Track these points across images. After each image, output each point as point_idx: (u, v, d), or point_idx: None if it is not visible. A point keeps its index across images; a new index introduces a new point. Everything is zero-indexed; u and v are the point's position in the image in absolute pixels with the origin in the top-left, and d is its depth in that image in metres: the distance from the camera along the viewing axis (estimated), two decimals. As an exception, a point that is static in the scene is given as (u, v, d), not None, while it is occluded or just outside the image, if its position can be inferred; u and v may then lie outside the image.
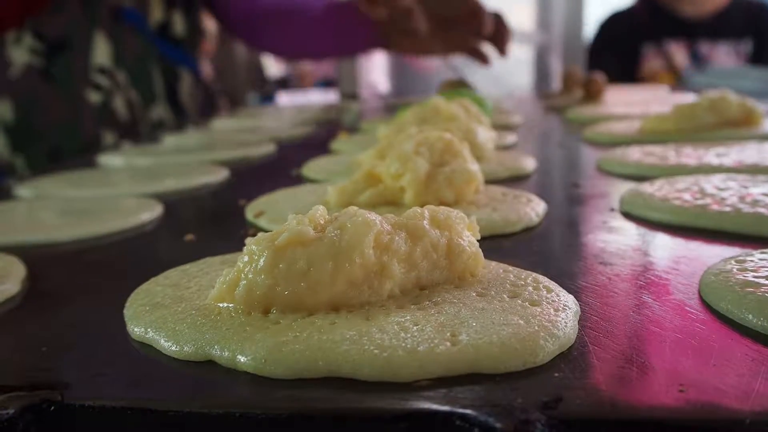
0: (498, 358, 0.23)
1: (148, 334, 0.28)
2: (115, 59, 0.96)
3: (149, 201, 0.53)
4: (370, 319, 0.26)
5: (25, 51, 0.87)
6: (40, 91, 0.88)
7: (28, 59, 0.87)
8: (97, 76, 0.93)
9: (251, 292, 0.27)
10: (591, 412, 0.21)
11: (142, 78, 1.01)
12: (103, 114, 0.94)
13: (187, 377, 0.25)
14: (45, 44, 0.88)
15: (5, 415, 0.23)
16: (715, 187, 0.44)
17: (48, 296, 0.35)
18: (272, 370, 0.24)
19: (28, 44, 0.87)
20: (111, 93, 0.95)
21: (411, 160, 0.42)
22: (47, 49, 0.88)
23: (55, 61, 0.89)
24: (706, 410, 0.20)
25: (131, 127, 0.99)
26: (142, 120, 1.00)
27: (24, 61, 0.87)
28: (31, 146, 0.88)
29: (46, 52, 0.88)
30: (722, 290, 0.28)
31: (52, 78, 0.89)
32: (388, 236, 0.28)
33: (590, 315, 0.28)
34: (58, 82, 0.90)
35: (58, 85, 0.90)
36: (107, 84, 0.94)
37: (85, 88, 0.93)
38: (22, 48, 0.86)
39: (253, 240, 0.28)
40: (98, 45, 0.93)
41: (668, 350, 0.24)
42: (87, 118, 0.92)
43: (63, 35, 0.90)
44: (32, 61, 0.87)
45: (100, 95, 0.94)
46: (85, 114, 0.92)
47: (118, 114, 0.96)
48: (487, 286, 0.29)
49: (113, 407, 0.23)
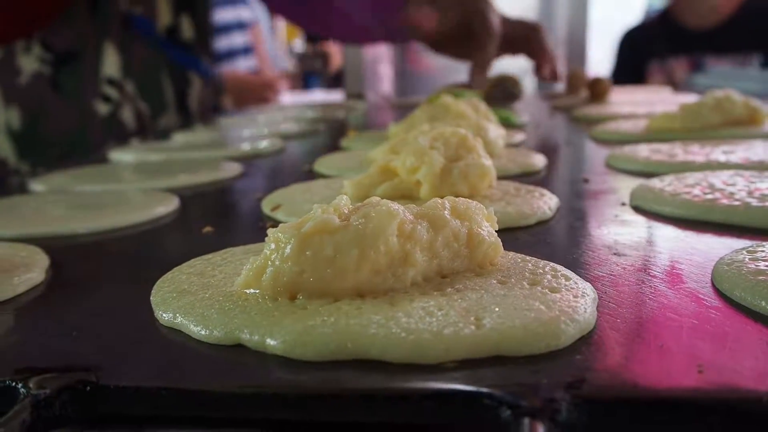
0: (521, 341, 0.24)
1: (177, 319, 0.28)
2: (125, 70, 0.96)
3: (165, 194, 0.54)
4: (395, 305, 0.27)
5: (34, 60, 0.87)
6: (48, 99, 0.89)
7: (37, 68, 0.87)
8: (105, 88, 0.94)
9: (278, 278, 0.28)
10: (614, 392, 0.22)
11: (152, 88, 1.01)
12: (111, 125, 0.95)
13: (217, 360, 0.26)
14: (53, 55, 0.89)
15: (42, 394, 0.24)
16: (724, 182, 0.45)
17: (72, 285, 0.36)
18: (302, 353, 0.25)
19: (37, 54, 0.87)
20: (119, 104, 0.95)
21: (427, 154, 0.42)
22: (55, 59, 0.89)
23: (63, 71, 0.90)
24: (725, 390, 0.21)
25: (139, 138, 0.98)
26: (150, 130, 1.01)
27: (33, 70, 0.87)
28: (38, 154, 0.89)
29: (54, 62, 0.89)
30: (735, 278, 0.29)
31: (60, 88, 0.90)
32: (410, 225, 0.28)
33: (607, 302, 0.28)
34: (66, 92, 0.90)
35: (66, 95, 0.90)
36: (116, 96, 0.95)
37: (94, 99, 0.93)
38: (31, 57, 0.87)
39: (279, 228, 0.29)
40: (108, 56, 0.93)
41: (685, 335, 0.25)
42: (94, 129, 0.93)
43: (72, 46, 0.90)
44: (41, 69, 0.88)
45: (108, 107, 0.94)
46: (92, 124, 0.93)
47: (125, 125, 0.97)
48: (506, 274, 0.30)
49: (148, 388, 0.24)
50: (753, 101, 0.73)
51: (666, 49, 1.72)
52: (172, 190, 0.57)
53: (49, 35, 0.88)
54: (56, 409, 0.24)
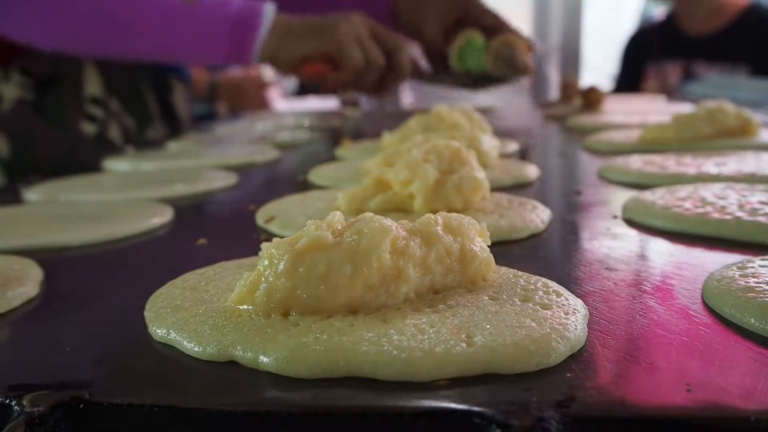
0: (512, 359, 0.24)
1: (170, 335, 0.28)
2: (107, 88, 0.95)
3: (160, 205, 0.54)
4: (387, 322, 0.27)
5: (15, 86, 0.86)
6: (34, 125, 0.88)
7: (18, 94, 0.87)
8: (90, 108, 0.93)
9: (271, 295, 0.28)
10: (603, 410, 0.22)
11: (136, 102, 1.00)
12: (99, 143, 0.93)
13: (210, 377, 0.26)
14: (34, 80, 0.88)
15: (36, 412, 0.24)
16: (715, 195, 0.45)
17: (66, 298, 0.36)
18: (294, 370, 0.25)
19: (17, 81, 0.86)
20: (105, 123, 0.94)
21: (420, 167, 0.43)
22: (36, 85, 0.88)
23: (46, 95, 0.89)
24: (712, 408, 0.22)
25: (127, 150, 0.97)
26: (137, 143, 1.00)
27: (14, 96, 0.86)
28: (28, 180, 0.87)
29: (36, 87, 0.88)
30: (725, 295, 0.29)
31: (45, 112, 0.89)
32: (403, 241, 0.29)
33: (598, 318, 0.29)
34: (51, 116, 0.89)
35: (52, 119, 0.89)
36: (101, 114, 0.94)
37: (79, 120, 0.92)
38: (11, 84, 0.86)
39: (272, 244, 0.29)
40: (89, 75, 0.93)
41: (674, 352, 0.26)
42: (83, 149, 0.91)
43: (52, 71, 0.89)
44: (23, 95, 0.87)
45: (94, 126, 0.93)
46: (80, 145, 0.91)
47: (113, 142, 0.96)
48: (498, 290, 0.30)
49: (141, 405, 0.24)
50: (745, 112, 0.73)
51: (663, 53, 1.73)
52: (166, 200, 0.57)
53: (26, 61, 0.87)
54: (50, 426, 0.24)
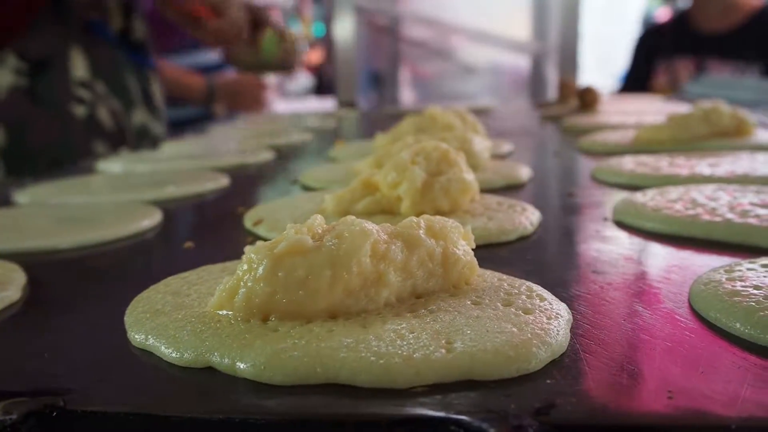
0: (492, 365, 0.24)
1: (148, 341, 0.28)
2: (93, 72, 0.98)
3: (149, 208, 0.53)
4: (367, 327, 0.26)
5: (9, 72, 0.89)
6: (28, 112, 0.90)
7: (12, 81, 0.89)
8: (79, 90, 0.96)
9: (250, 299, 0.28)
10: (582, 418, 0.21)
11: (119, 86, 1.04)
12: (90, 126, 0.97)
13: (187, 383, 0.26)
14: (29, 64, 0.91)
15: (8, 420, 0.23)
16: (707, 197, 0.45)
17: (48, 303, 0.36)
18: (271, 377, 0.24)
19: (12, 65, 0.89)
20: (94, 104, 0.97)
21: (408, 169, 0.42)
22: (31, 69, 0.91)
23: (38, 80, 0.91)
24: (693, 416, 0.21)
25: (118, 135, 1.01)
26: (127, 127, 1.03)
27: (9, 84, 0.89)
28: (25, 167, 0.90)
29: (29, 71, 0.91)
30: (711, 299, 0.29)
31: (38, 97, 0.91)
32: (384, 245, 0.28)
33: (582, 323, 0.28)
34: (44, 100, 0.92)
35: (45, 104, 0.92)
36: (89, 96, 0.97)
37: (70, 102, 0.95)
38: (7, 69, 0.89)
39: (252, 248, 0.28)
40: (76, 60, 0.96)
41: (658, 358, 0.25)
42: (76, 132, 0.95)
43: (44, 54, 0.92)
44: (17, 82, 0.90)
45: (84, 108, 0.96)
46: (73, 128, 0.95)
47: (104, 124, 0.98)
48: (481, 294, 0.29)
49: (116, 413, 0.24)
50: (740, 112, 0.73)
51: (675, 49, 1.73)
52: (156, 202, 0.57)
53: (22, 45, 0.90)
54: (23, 434, 0.24)
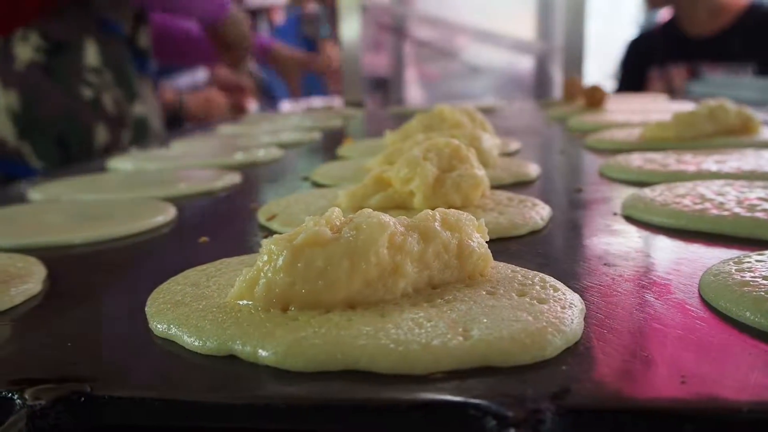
0: (508, 352, 0.24)
1: (170, 330, 0.29)
2: (103, 61, 1.08)
3: (162, 204, 0.54)
4: (385, 316, 0.27)
5: (29, 48, 0.99)
6: (42, 84, 1.00)
7: (31, 56, 1.00)
8: (89, 75, 1.06)
9: (270, 290, 0.28)
10: (598, 402, 0.22)
11: (124, 78, 1.12)
12: (95, 108, 1.06)
13: (210, 370, 0.26)
14: (49, 43, 1.01)
15: (38, 405, 0.24)
16: (714, 192, 0.46)
17: (69, 295, 0.37)
18: (293, 364, 0.25)
19: (35, 42, 1.00)
20: (100, 90, 1.07)
21: (420, 165, 0.43)
22: (50, 49, 1.01)
23: (55, 59, 1.01)
24: (706, 400, 0.22)
25: (119, 121, 1.10)
26: (127, 115, 1.12)
27: (27, 58, 0.99)
28: (36, 134, 1.01)
29: (48, 50, 1.01)
30: (721, 289, 0.29)
31: (53, 74, 1.01)
32: (401, 237, 0.29)
33: (595, 313, 0.29)
34: (58, 77, 1.02)
35: (58, 80, 1.02)
36: (97, 82, 1.07)
37: (80, 84, 1.04)
38: (28, 45, 0.99)
39: (271, 240, 0.29)
40: (89, 49, 1.06)
41: (670, 345, 0.26)
42: (82, 111, 1.05)
43: (63, 38, 1.02)
44: (35, 57, 1.00)
45: (91, 91, 1.05)
46: (80, 107, 1.04)
47: (107, 108, 1.08)
48: (495, 285, 0.30)
49: (142, 398, 0.24)
50: (746, 110, 0.73)
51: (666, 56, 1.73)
52: (169, 199, 0.57)
53: (44, 26, 1.00)
54: (51, 420, 0.24)
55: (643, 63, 1.79)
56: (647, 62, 1.78)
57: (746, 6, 1.65)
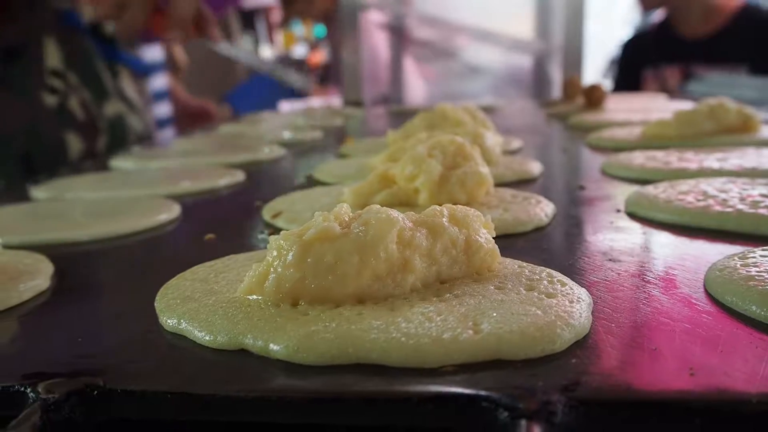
0: (518, 346, 0.25)
1: (181, 325, 0.29)
2: (66, 62, 0.97)
3: (167, 202, 0.54)
4: (394, 310, 0.27)
5: None
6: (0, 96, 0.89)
7: None
8: (51, 80, 0.95)
9: (280, 285, 0.28)
10: (608, 394, 0.22)
11: (92, 77, 1.02)
12: (61, 116, 0.95)
13: (221, 365, 0.26)
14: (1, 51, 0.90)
15: (51, 399, 0.24)
16: (717, 189, 0.46)
17: (77, 291, 0.37)
18: (304, 358, 0.25)
19: None
20: (66, 95, 0.96)
21: (425, 162, 0.43)
22: (3, 56, 0.90)
23: (10, 67, 0.91)
24: (715, 392, 0.22)
25: (90, 125, 0.99)
26: (99, 118, 1.01)
27: None
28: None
29: (1, 59, 0.90)
30: (727, 284, 0.29)
31: (9, 85, 0.90)
32: (410, 232, 0.29)
33: (602, 307, 0.29)
34: (15, 87, 0.91)
35: (16, 92, 0.91)
36: (61, 86, 0.96)
37: (41, 91, 0.93)
38: None
39: (281, 236, 0.29)
40: (49, 49, 0.95)
41: (677, 339, 0.26)
42: (47, 121, 0.93)
43: (17, 42, 0.92)
44: None
45: (55, 98, 0.94)
46: (44, 117, 0.93)
47: (75, 114, 0.97)
48: (503, 280, 0.30)
49: (154, 391, 0.24)
50: (746, 109, 0.74)
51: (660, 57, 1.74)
52: (173, 197, 0.57)
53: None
54: (65, 413, 0.24)
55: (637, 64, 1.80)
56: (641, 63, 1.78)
57: (740, 7, 1.65)
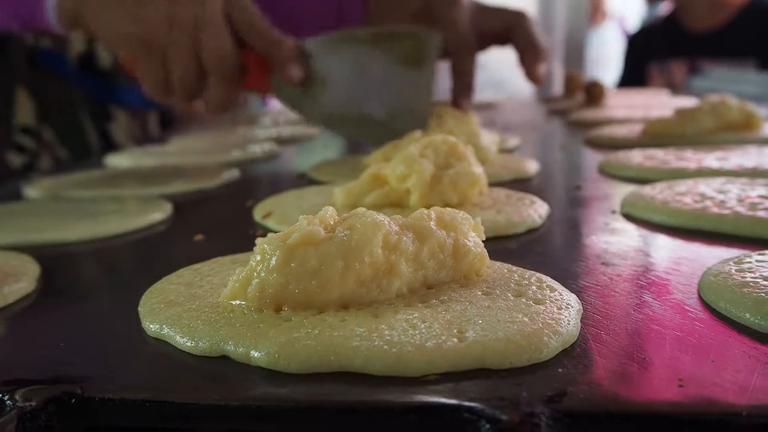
0: (504, 354, 0.24)
1: (163, 331, 0.28)
2: (40, 116, 0.84)
3: (159, 201, 0.54)
4: (379, 317, 0.27)
5: None
6: None
7: None
8: (20, 138, 0.82)
9: (263, 290, 0.28)
10: (594, 406, 0.22)
11: (72, 132, 0.89)
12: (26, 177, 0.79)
13: (202, 372, 0.26)
14: None
15: (28, 407, 0.24)
16: (715, 190, 0.45)
17: (62, 294, 0.36)
18: (285, 365, 0.25)
19: None
20: (36, 154, 0.84)
21: (417, 162, 0.42)
22: None
23: None
24: (704, 404, 0.21)
25: None
26: None
27: None
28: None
29: None
30: (721, 290, 0.29)
31: None
32: (396, 236, 0.29)
33: (592, 314, 0.29)
34: None
35: None
36: (32, 145, 0.83)
37: (6, 151, 0.82)
38: None
39: (265, 240, 0.29)
40: (20, 103, 0.82)
41: (668, 347, 0.25)
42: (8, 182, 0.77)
43: None
44: None
45: (23, 158, 0.83)
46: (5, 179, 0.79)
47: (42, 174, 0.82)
48: (492, 285, 0.30)
49: (133, 400, 0.24)
50: (748, 106, 0.73)
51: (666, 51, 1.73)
52: (166, 196, 0.57)
53: None
54: (42, 421, 0.24)
55: (643, 58, 1.79)
56: (648, 57, 1.77)
57: (747, 1, 1.64)
